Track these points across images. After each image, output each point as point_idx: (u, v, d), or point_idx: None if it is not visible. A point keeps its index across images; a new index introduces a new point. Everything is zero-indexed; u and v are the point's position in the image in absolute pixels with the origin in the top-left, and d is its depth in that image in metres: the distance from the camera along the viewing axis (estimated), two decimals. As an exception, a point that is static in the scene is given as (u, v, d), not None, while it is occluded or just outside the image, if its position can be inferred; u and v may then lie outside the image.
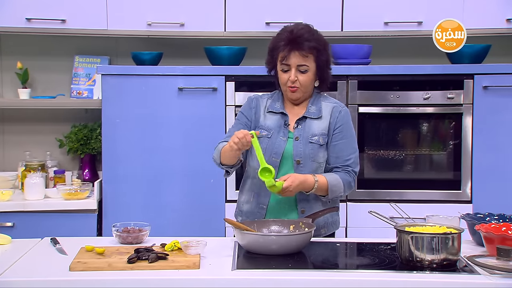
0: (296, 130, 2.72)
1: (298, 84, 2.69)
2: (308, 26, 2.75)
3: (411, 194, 3.62)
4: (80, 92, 3.97)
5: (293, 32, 2.68)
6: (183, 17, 3.72)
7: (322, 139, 2.71)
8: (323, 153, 2.71)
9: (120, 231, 2.56)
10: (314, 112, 2.74)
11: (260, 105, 2.80)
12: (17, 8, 3.66)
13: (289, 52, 2.67)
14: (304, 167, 2.68)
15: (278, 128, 2.73)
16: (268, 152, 2.70)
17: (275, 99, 2.80)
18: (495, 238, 2.32)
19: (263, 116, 2.77)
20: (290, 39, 2.67)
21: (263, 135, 2.72)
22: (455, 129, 3.61)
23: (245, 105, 2.84)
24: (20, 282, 2.15)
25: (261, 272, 2.21)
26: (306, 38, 2.66)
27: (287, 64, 2.68)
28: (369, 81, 3.61)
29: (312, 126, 2.72)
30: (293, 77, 2.68)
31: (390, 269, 2.24)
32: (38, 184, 3.57)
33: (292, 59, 2.67)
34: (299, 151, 2.69)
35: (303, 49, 2.65)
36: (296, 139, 2.71)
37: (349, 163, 2.73)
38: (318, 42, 2.69)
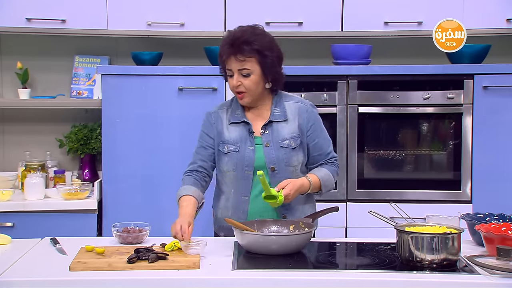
0: (264, 136, 2.68)
1: (243, 88, 2.63)
2: (252, 28, 2.65)
3: (411, 194, 3.62)
4: (80, 92, 3.97)
5: (234, 35, 2.61)
6: (183, 17, 3.72)
7: (293, 142, 2.68)
8: (296, 156, 2.69)
9: (120, 231, 2.56)
10: (279, 115, 2.69)
11: (220, 118, 2.73)
12: (17, 8, 3.66)
13: (229, 56, 2.60)
14: (279, 173, 2.66)
15: (244, 138, 2.68)
16: (240, 166, 2.66)
17: (234, 107, 2.73)
18: (495, 238, 2.32)
19: (226, 129, 2.71)
20: (230, 43, 2.60)
21: (230, 150, 2.67)
22: (455, 129, 3.61)
23: (205, 123, 2.77)
24: (20, 282, 2.15)
25: (261, 272, 2.21)
26: (245, 41, 2.57)
27: (229, 69, 2.63)
28: (369, 81, 3.61)
29: (280, 130, 2.68)
30: (235, 82, 2.62)
31: (390, 269, 2.24)
32: (38, 184, 3.57)
33: (232, 63, 2.61)
34: (272, 157, 2.65)
35: (242, 53, 2.58)
36: (266, 145, 2.66)
37: (331, 155, 2.77)
38: (260, 44, 2.59)
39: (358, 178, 3.62)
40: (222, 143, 2.70)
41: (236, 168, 2.66)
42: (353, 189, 3.62)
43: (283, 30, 3.74)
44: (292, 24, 3.74)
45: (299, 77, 3.59)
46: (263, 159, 2.66)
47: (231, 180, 2.70)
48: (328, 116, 3.61)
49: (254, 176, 2.65)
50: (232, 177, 2.69)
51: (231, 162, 2.67)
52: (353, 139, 3.61)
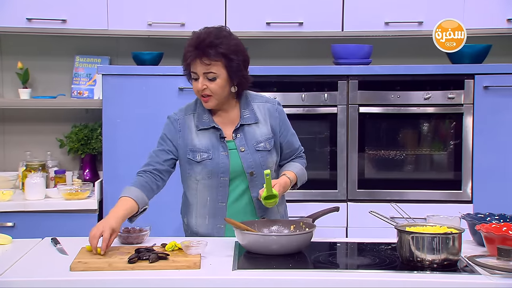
0: (237, 140, 2.63)
1: (209, 92, 2.56)
2: (218, 30, 2.57)
3: (411, 194, 3.62)
4: (80, 92, 3.97)
5: (199, 37, 2.53)
6: (184, 17, 3.73)
7: (268, 144, 2.66)
8: (272, 158, 2.68)
9: (121, 231, 2.56)
10: (249, 118, 2.65)
11: (187, 125, 2.65)
12: (18, 8, 3.66)
13: (194, 59, 2.53)
14: (257, 177, 2.64)
15: (215, 145, 2.62)
16: (215, 174, 2.60)
17: (200, 112, 2.66)
18: (496, 238, 2.31)
19: (195, 136, 2.63)
20: (195, 45, 2.52)
21: (204, 158, 2.61)
22: (456, 129, 3.61)
23: (169, 127, 2.67)
24: (21, 282, 2.15)
25: (262, 272, 2.21)
26: (210, 44, 2.50)
27: (194, 72, 2.57)
28: (370, 81, 3.61)
29: (253, 133, 2.65)
30: (201, 86, 2.55)
31: (391, 269, 2.23)
32: (39, 184, 3.57)
33: (197, 67, 2.54)
34: (250, 162, 2.62)
35: (207, 56, 2.51)
36: (242, 150, 2.63)
37: (300, 148, 2.81)
38: (226, 47, 2.52)
39: (358, 178, 3.62)
40: (191, 152, 2.63)
41: (211, 176, 2.61)
42: (354, 189, 3.62)
43: (284, 30, 3.75)
44: (292, 24, 3.74)
45: (299, 77, 3.59)
46: (240, 165, 2.62)
47: (206, 188, 2.64)
48: (329, 116, 3.61)
49: (230, 182, 2.63)
50: (207, 184, 2.63)
51: (205, 170, 2.61)
52: (353, 139, 3.61)
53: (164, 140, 2.68)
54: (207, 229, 2.68)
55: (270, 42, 4.00)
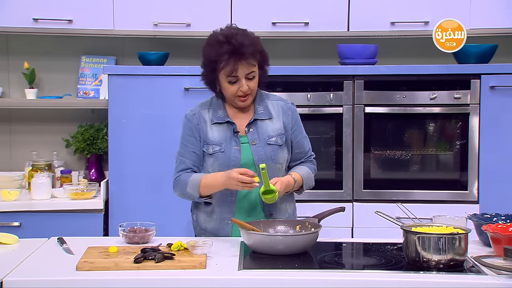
0: (250, 134, 2.67)
1: (249, 91, 2.63)
2: (241, 29, 2.64)
3: (417, 194, 3.61)
4: (86, 92, 3.98)
5: (232, 42, 2.56)
6: (189, 17, 3.73)
7: (280, 140, 2.69)
8: (282, 153, 2.70)
9: (127, 231, 2.56)
10: (263, 113, 2.70)
11: (203, 118, 2.70)
12: (24, 9, 3.67)
13: (236, 64, 2.56)
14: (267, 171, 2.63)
15: (228, 138, 2.66)
16: (225, 167, 2.62)
17: (215, 107, 2.71)
18: (502, 238, 2.31)
19: (210, 129, 2.68)
20: (232, 51, 2.55)
21: (216, 151, 2.65)
22: (462, 129, 3.61)
23: (187, 125, 2.71)
24: (27, 282, 2.15)
25: (268, 272, 2.21)
26: (247, 45, 2.56)
27: (235, 76, 2.59)
28: (376, 81, 3.61)
29: (265, 127, 2.69)
30: (246, 87, 2.60)
31: (397, 270, 2.23)
32: (45, 184, 3.58)
33: (240, 70, 2.57)
34: (260, 155, 2.65)
35: (249, 58, 2.57)
36: (253, 143, 2.66)
37: (310, 153, 2.81)
38: (257, 45, 2.62)
39: (364, 178, 3.62)
40: (206, 144, 2.67)
41: (222, 169, 2.63)
42: (360, 189, 3.62)
43: (289, 30, 3.75)
44: (298, 24, 3.74)
45: (305, 77, 3.59)
46: (251, 157, 2.65)
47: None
48: (334, 116, 3.61)
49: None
50: None
51: (216, 163, 2.65)
52: (359, 139, 3.61)
53: (189, 141, 2.70)
54: (215, 225, 2.69)
55: (276, 42, 4.00)
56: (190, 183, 2.63)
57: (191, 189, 2.63)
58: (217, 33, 2.65)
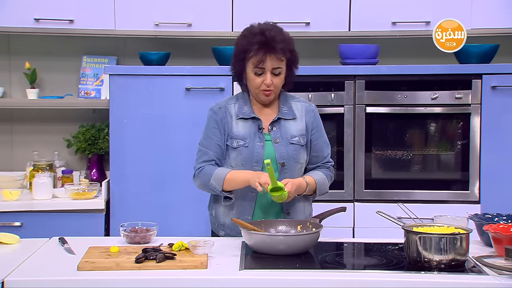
0: (273, 133, 2.70)
1: (273, 86, 2.66)
2: (277, 26, 2.69)
3: (418, 194, 3.61)
4: (87, 92, 3.98)
5: (265, 34, 2.61)
6: (191, 17, 3.73)
7: (302, 140, 2.71)
8: (303, 153, 2.71)
9: (128, 231, 2.56)
10: (287, 113, 2.73)
11: (229, 113, 2.72)
12: (25, 9, 3.67)
13: (264, 55, 2.60)
14: (288, 169, 2.67)
15: (252, 134, 2.69)
16: (248, 161, 2.66)
17: (241, 103, 2.74)
18: (504, 238, 2.31)
19: (235, 124, 2.71)
20: (264, 42, 2.60)
21: (240, 145, 2.68)
22: (463, 129, 3.60)
23: (213, 118, 2.73)
24: (28, 281, 2.15)
25: (269, 272, 2.21)
26: (279, 40, 2.62)
27: (262, 67, 2.63)
28: (377, 81, 3.61)
29: (289, 127, 2.71)
30: (269, 81, 2.63)
31: (398, 270, 2.23)
32: (46, 184, 3.58)
33: (268, 62, 2.62)
34: (282, 153, 2.67)
35: (278, 52, 2.61)
36: (276, 141, 2.68)
37: (328, 159, 2.81)
38: (289, 44, 2.66)
39: (365, 178, 3.62)
40: (230, 138, 2.70)
41: (245, 163, 2.67)
42: (361, 189, 3.62)
43: (290, 30, 3.67)
44: (299, 24, 3.74)
45: (306, 77, 3.58)
46: (273, 155, 2.67)
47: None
48: (335, 116, 3.61)
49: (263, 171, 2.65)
50: None
51: (240, 157, 2.68)
52: (360, 139, 3.61)
53: (213, 133, 2.72)
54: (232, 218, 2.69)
55: (277, 42, 4.00)
56: (215, 176, 2.65)
57: (215, 182, 2.64)
58: (254, 26, 2.70)
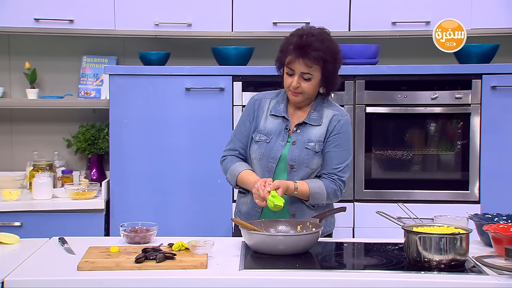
0: (295, 135, 2.71)
1: (301, 90, 2.67)
2: (321, 33, 2.67)
3: (418, 194, 3.61)
4: (87, 92, 3.98)
5: (302, 38, 2.63)
6: (191, 17, 3.73)
7: (318, 146, 2.69)
8: (318, 159, 2.69)
9: (128, 231, 2.56)
10: (315, 119, 2.72)
11: (262, 107, 2.77)
12: (25, 9, 3.67)
13: (295, 58, 2.63)
14: (297, 172, 2.67)
15: (278, 132, 2.72)
16: (266, 157, 2.69)
17: (279, 100, 2.78)
18: (504, 238, 2.31)
19: (264, 119, 2.75)
20: (298, 45, 2.62)
21: (261, 140, 2.72)
22: (463, 129, 3.60)
23: (249, 107, 2.81)
24: (28, 281, 2.15)
25: (269, 272, 2.21)
26: (314, 48, 2.60)
27: (291, 68, 2.66)
28: (377, 81, 3.61)
29: (310, 132, 2.70)
30: (295, 84, 2.65)
31: (398, 270, 2.23)
32: (46, 183, 3.58)
33: (297, 65, 2.63)
34: (294, 155, 2.68)
35: (309, 59, 2.61)
36: (293, 143, 2.69)
37: (336, 171, 2.69)
38: (326, 53, 2.62)
39: (365, 178, 3.62)
40: (256, 131, 2.75)
41: (262, 158, 2.70)
42: (361, 189, 3.62)
43: (290, 30, 3.71)
44: (299, 24, 3.68)
45: (306, 77, 3.58)
46: (286, 155, 2.69)
47: (256, 168, 2.73)
48: (336, 116, 3.60)
49: (276, 169, 2.68)
50: (257, 166, 2.73)
51: (259, 151, 2.71)
52: (360, 139, 3.61)
53: (244, 123, 2.80)
54: (247, 208, 2.76)
55: (277, 42, 3.97)
56: (230, 172, 2.75)
57: (230, 177, 2.75)
58: (304, 28, 2.72)
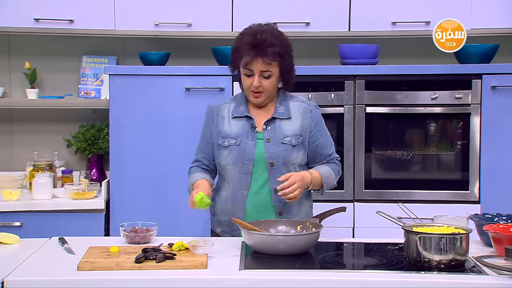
0: (266, 132, 2.70)
1: (262, 89, 2.65)
2: (272, 29, 2.67)
3: (418, 194, 3.61)
4: (87, 92, 3.98)
5: (256, 36, 2.61)
6: (191, 17, 3.73)
7: (294, 140, 2.69)
8: (296, 154, 2.70)
9: (128, 231, 2.56)
10: (283, 113, 2.72)
11: (222, 112, 2.75)
12: (25, 9, 3.67)
13: (253, 58, 2.60)
14: (278, 169, 2.67)
15: (245, 133, 2.70)
16: (240, 160, 2.67)
17: (239, 102, 2.76)
18: (504, 238, 2.31)
19: (228, 123, 2.73)
20: (254, 44, 2.60)
21: (231, 144, 2.70)
22: (463, 129, 3.60)
23: (207, 117, 2.81)
24: (28, 281, 2.15)
25: (269, 272, 2.21)
26: (269, 44, 2.60)
27: (250, 69, 2.63)
28: (377, 81, 3.61)
29: (283, 127, 2.70)
30: (257, 83, 2.64)
31: (398, 270, 2.23)
32: (46, 184, 3.58)
33: (255, 65, 2.62)
34: (272, 152, 2.67)
35: (267, 56, 2.60)
36: (267, 140, 2.68)
37: (333, 156, 2.81)
38: (282, 47, 2.63)
39: (365, 178, 3.62)
40: (222, 138, 2.72)
41: (236, 162, 2.68)
42: (361, 189, 3.62)
43: (290, 30, 3.71)
44: (299, 24, 3.74)
45: (306, 77, 3.58)
46: (263, 154, 2.67)
47: (230, 174, 2.71)
48: (335, 116, 3.61)
49: (253, 173, 2.67)
50: (231, 171, 2.70)
51: (231, 156, 2.69)
52: (360, 139, 3.61)
53: (205, 133, 2.81)
54: (227, 216, 2.72)
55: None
56: (189, 181, 2.78)
57: (189, 187, 2.76)
58: (252, 26, 2.70)
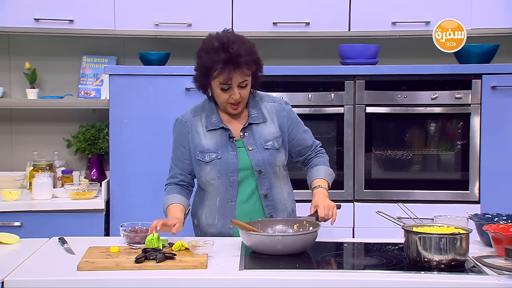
0: (245, 139, 2.65)
1: (241, 98, 2.60)
2: (238, 36, 2.58)
3: (418, 194, 3.61)
4: (87, 92, 3.98)
5: (229, 50, 2.50)
6: (191, 17, 3.73)
7: (276, 143, 2.67)
8: (280, 156, 2.69)
9: (128, 231, 2.56)
10: (257, 117, 2.67)
11: (195, 126, 2.67)
12: (25, 9, 3.67)
13: (231, 72, 2.51)
14: (266, 175, 2.65)
15: (224, 144, 2.64)
16: (224, 173, 2.62)
17: (208, 113, 2.67)
18: (504, 238, 2.31)
19: (204, 137, 2.65)
20: (228, 60, 2.50)
21: (212, 158, 2.64)
22: (463, 129, 3.61)
23: (178, 131, 2.69)
24: (28, 281, 2.15)
25: (269, 272, 2.21)
26: (244, 54, 2.52)
27: (228, 83, 2.54)
28: (377, 81, 3.61)
29: (261, 131, 2.67)
30: (238, 96, 2.57)
31: (398, 270, 2.23)
32: (46, 184, 3.58)
33: (234, 79, 2.53)
34: (258, 160, 2.64)
35: (244, 67, 2.52)
36: (250, 148, 2.64)
37: (315, 144, 2.80)
38: (252, 53, 2.57)
39: (365, 178, 3.62)
40: (200, 153, 2.65)
41: (220, 176, 2.63)
42: (361, 189, 3.62)
43: (290, 30, 3.74)
44: (299, 24, 3.74)
45: (306, 77, 3.59)
46: (248, 162, 2.63)
47: (216, 188, 2.66)
48: (335, 116, 3.61)
49: (239, 181, 2.64)
50: (217, 185, 2.65)
51: (214, 170, 2.63)
52: (360, 139, 3.61)
53: (178, 148, 2.71)
54: (216, 229, 2.69)
55: (277, 42, 4.00)
56: (164, 201, 2.70)
57: (164, 209, 2.70)
58: (213, 38, 2.59)
